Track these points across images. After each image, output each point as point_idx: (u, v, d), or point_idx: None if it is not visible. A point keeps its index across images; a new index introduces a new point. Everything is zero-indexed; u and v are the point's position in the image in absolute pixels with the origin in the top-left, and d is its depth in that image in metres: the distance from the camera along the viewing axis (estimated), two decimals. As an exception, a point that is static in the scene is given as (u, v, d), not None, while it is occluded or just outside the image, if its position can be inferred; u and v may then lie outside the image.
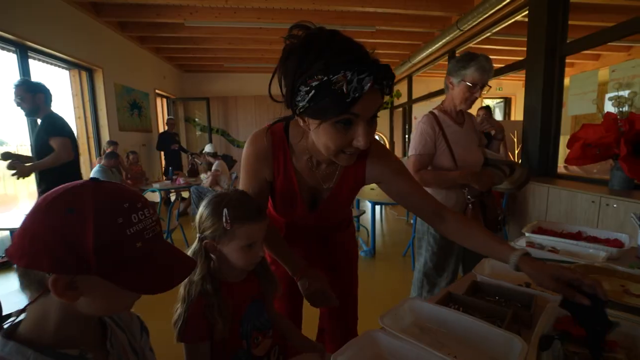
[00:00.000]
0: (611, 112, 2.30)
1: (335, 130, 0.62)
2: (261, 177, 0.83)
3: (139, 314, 0.64)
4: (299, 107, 0.63)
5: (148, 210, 0.48)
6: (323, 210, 0.86)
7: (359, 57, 0.57)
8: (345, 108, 0.57)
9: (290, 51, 0.61)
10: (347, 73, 0.55)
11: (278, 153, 0.80)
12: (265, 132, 0.80)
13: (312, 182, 0.83)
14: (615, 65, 2.49)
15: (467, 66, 1.35)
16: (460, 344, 0.64)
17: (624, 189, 2.31)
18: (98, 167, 3.97)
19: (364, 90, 0.55)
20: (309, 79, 0.58)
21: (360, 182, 0.84)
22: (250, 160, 0.82)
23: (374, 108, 0.61)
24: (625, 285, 0.77)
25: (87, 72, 4.45)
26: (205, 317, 0.68)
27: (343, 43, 0.59)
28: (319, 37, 0.59)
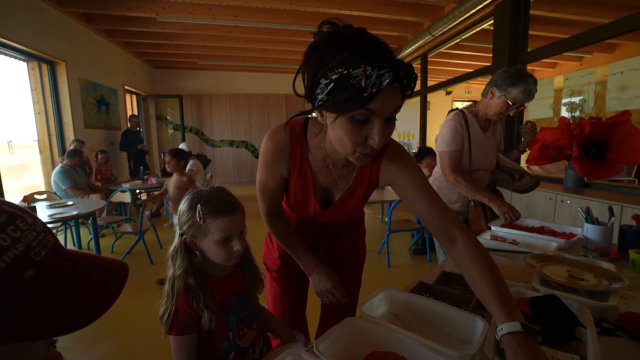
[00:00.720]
0: (565, 116, 2.52)
1: (351, 126, 0.61)
2: (277, 173, 0.83)
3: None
4: (317, 100, 0.62)
5: (22, 220, 0.34)
6: (335, 210, 0.86)
7: (381, 54, 0.57)
8: (362, 103, 0.57)
9: (315, 46, 0.62)
10: (367, 68, 0.54)
11: (295, 149, 0.80)
12: (284, 127, 0.80)
13: (326, 181, 0.83)
14: (569, 74, 2.73)
15: (516, 85, 1.34)
16: (431, 327, 0.70)
17: (576, 187, 2.53)
18: (60, 168, 3.72)
19: (382, 86, 0.55)
20: (329, 72, 0.57)
21: (374, 183, 0.83)
22: (267, 155, 0.82)
23: (392, 107, 0.59)
24: (570, 271, 0.87)
25: (49, 65, 4.18)
26: (192, 309, 0.70)
27: (367, 39, 0.58)
28: (344, 33, 0.59)
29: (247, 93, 7.61)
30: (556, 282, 0.80)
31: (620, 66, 2.29)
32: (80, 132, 4.51)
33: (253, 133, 7.78)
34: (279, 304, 1.04)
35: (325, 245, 0.98)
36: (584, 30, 2.53)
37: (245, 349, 0.78)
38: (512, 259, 0.99)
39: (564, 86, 2.73)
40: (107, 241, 3.55)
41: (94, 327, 1.66)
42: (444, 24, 3.70)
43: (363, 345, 0.63)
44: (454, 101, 8.41)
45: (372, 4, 3.96)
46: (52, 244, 0.36)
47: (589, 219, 1.17)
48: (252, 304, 0.82)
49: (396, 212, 2.83)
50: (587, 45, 2.58)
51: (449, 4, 3.79)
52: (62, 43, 4.17)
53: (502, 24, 3.15)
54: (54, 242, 0.37)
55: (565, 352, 0.59)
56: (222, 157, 7.76)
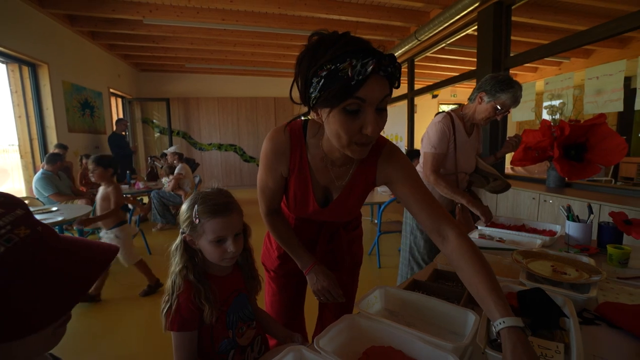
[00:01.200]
0: (546, 119, 2.62)
1: (344, 117, 0.64)
2: (277, 172, 0.85)
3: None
4: (312, 99, 0.66)
5: None
6: (333, 208, 0.88)
7: (364, 47, 0.61)
8: (351, 92, 0.61)
9: (305, 53, 0.66)
10: (352, 60, 0.59)
11: (295, 148, 0.83)
12: (284, 128, 0.83)
13: (325, 180, 0.86)
14: (549, 79, 2.84)
15: (505, 91, 1.40)
16: (425, 321, 0.73)
17: (558, 187, 2.64)
18: (40, 174, 3.57)
19: (367, 73, 0.59)
20: (319, 70, 0.62)
21: (371, 182, 0.86)
22: (268, 156, 0.84)
23: (380, 95, 0.63)
24: (554, 266, 0.91)
25: (30, 67, 4.07)
26: (193, 305, 0.71)
27: (350, 38, 0.63)
28: (329, 37, 0.64)
29: (236, 96, 7.57)
30: (541, 277, 0.84)
31: (595, 71, 2.41)
32: (63, 136, 4.40)
33: (242, 136, 7.74)
34: (276, 303, 1.05)
35: (323, 245, 1.00)
36: (562, 36, 2.66)
37: (244, 348, 0.79)
38: (499, 256, 1.03)
39: (545, 90, 2.84)
40: (93, 248, 3.46)
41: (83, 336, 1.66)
42: (430, 29, 3.80)
43: (361, 341, 0.65)
44: (440, 104, 8.60)
45: (359, 9, 4.03)
46: (20, 238, 0.35)
47: (570, 216, 1.22)
48: (250, 303, 0.83)
49: (386, 214, 2.87)
50: (566, 51, 2.70)
51: (434, 9, 3.89)
52: (44, 45, 4.07)
53: (486, 30, 3.26)
54: (26, 234, 0.36)
55: (551, 340, 0.62)
56: (211, 161, 7.68)
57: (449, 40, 4.27)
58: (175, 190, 4.27)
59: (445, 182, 1.49)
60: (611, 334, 0.69)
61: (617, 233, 1.15)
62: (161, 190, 4.27)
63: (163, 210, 4.25)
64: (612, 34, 2.33)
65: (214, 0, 3.75)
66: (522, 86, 1.49)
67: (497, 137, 3.30)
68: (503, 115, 1.47)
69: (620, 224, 1.13)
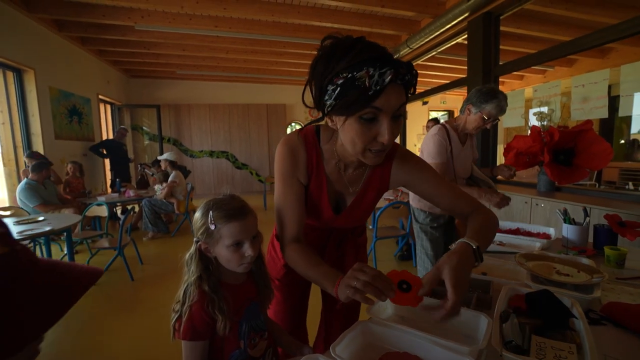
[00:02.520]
0: (536, 125, 2.69)
1: (360, 126, 0.64)
2: (296, 181, 0.81)
3: None
4: (327, 106, 0.66)
5: None
6: (347, 215, 0.87)
7: (381, 55, 0.60)
8: (368, 101, 0.61)
9: (319, 58, 0.65)
10: (370, 69, 0.59)
11: (311, 152, 0.81)
12: (297, 134, 0.82)
13: (339, 186, 0.84)
14: (537, 86, 2.93)
15: (489, 102, 1.51)
16: (436, 326, 0.73)
17: (549, 191, 2.70)
18: (24, 184, 3.45)
19: (385, 84, 0.59)
20: (335, 78, 0.62)
21: (384, 186, 0.85)
22: (284, 162, 0.80)
23: (397, 104, 0.63)
24: (556, 267, 0.93)
25: (15, 72, 3.97)
26: (207, 315, 0.69)
27: (365, 45, 0.62)
28: (344, 42, 0.63)
29: (227, 103, 7.55)
30: (545, 279, 0.85)
31: (581, 79, 2.50)
32: (50, 143, 4.29)
33: (233, 143, 7.70)
34: (280, 312, 1.04)
35: (332, 252, 0.99)
36: (548, 46, 2.76)
37: (255, 359, 0.77)
38: (502, 259, 1.04)
39: (533, 97, 2.93)
40: (82, 258, 3.36)
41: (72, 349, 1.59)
42: (421, 38, 3.88)
43: (376, 347, 0.65)
44: (430, 111, 8.76)
45: (352, 17, 4.10)
46: None
47: (567, 219, 1.25)
48: (263, 313, 0.82)
49: (381, 219, 2.88)
50: (551, 60, 2.80)
51: (425, 18, 3.99)
52: (30, 50, 3.98)
53: (476, 39, 3.35)
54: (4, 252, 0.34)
55: (562, 341, 0.63)
56: (202, 168, 7.60)
57: (440, 48, 4.38)
58: (168, 198, 4.20)
59: None
60: (617, 333, 0.71)
61: (612, 235, 1.18)
62: (153, 198, 4.19)
63: (154, 219, 4.16)
64: (595, 44, 2.43)
65: (207, 7, 3.75)
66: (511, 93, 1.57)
67: (488, 143, 3.37)
68: (492, 123, 1.57)
69: (615, 226, 1.16)
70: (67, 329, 2.08)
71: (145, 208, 4.16)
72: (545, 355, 0.59)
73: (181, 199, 4.31)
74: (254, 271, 0.80)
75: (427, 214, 1.75)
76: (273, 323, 0.91)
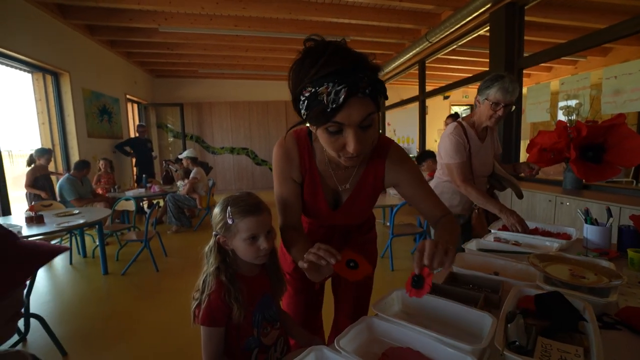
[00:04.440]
0: (562, 120, 2.57)
1: (328, 136, 0.67)
2: (291, 180, 0.86)
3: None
4: (302, 114, 0.69)
5: None
6: (345, 210, 0.90)
7: (340, 70, 0.60)
8: (329, 117, 0.63)
9: (293, 66, 0.68)
10: (329, 85, 0.60)
11: (303, 152, 0.85)
12: (291, 135, 0.86)
13: (333, 182, 0.88)
14: (564, 79, 2.79)
15: (491, 86, 1.45)
16: (442, 324, 0.74)
17: (575, 189, 2.58)
18: (65, 179, 3.77)
19: (339, 102, 0.60)
20: (304, 90, 0.64)
21: (379, 184, 0.88)
22: (279, 163, 0.86)
23: (359, 116, 0.63)
24: (572, 269, 0.91)
25: (53, 76, 4.25)
26: (223, 303, 0.74)
27: (332, 56, 0.61)
28: (314, 51, 0.64)
29: (247, 100, 7.69)
30: (559, 280, 0.84)
31: (613, 70, 2.36)
32: (83, 141, 4.56)
33: (253, 140, 7.85)
34: (292, 305, 1.08)
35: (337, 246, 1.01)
36: (579, 35, 2.61)
37: (267, 347, 0.82)
38: (514, 259, 1.03)
39: (560, 90, 2.79)
40: (112, 249, 3.57)
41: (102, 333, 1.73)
42: (441, 31, 3.78)
43: (380, 342, 0.67)
44: (452, 105, 8.51)
45: (370, 12, 4.05)
46: None
47: (589, 220, 1.21)
48: (275, 305, 0.87)
49: (398, 216, 2.87)
50: (583, 50, 2.65)
51: (445, 11, 3.88)
52: (66, 54, 4.24)
53: (498, 31, 3.23)
54: None
55: (570, 344, 0.63)
56: (223, 164, 7.81)
57: (461, 41, 4.24)
58: (190, 194, 4.36)
59: (476, 191, 1.52)
60: (632, 339, 0.69)
61: (638, 236, 1.13)
62: (176, 193, 4.37)
63: (178, 213, 4.35)
64: (632, 32, 2.27)
65: (227, 7, 3.84)
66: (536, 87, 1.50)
67: (510, 138, 3.25)
68: (504, 110, 1.47)
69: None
70: (101, 314, 2.25)
71: (169, 203, 4.35)
72: (550, 356, 0.59)
73: (203, 195, 4.47)
74: (267, 265, 0.85)
75: None
76: (286, 315, 0.95)
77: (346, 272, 0.70)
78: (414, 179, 0.87)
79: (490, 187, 1.74)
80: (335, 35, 2.61)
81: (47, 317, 1.91)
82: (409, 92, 6.04)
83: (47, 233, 2.45)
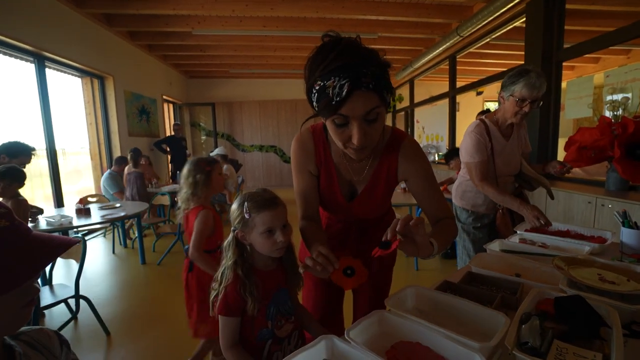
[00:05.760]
0: (605, 116, 2.39)
1: (335, 128, 0.71)
2: (307, 172, 0.90)
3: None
4: (314, 106, 0.72)
5: None
6: (360, 202, 0.92)
7: (346, 65, 0.63)
8: (334, 109, 0.66)
9: (309, 58, 0.71)
10: (335, 79, 0.63)
11: (319, 145, 0.89)
12: (307, 130, 0.90)
13: (348, 174, 0.91)
14: (610, 71, 2.58)
15: (517, 82, 1.38)
16: (455, 322, 0.74)
17: (619, 190, 2.39)
18: (108, 173, 4.09)
19: (342, 95, 0.63)
20: (314, 84, 0.68)
21: (393, 177, 0.90)
22: (296, 156, 0.90)
23: (363, 109, 0.66)
24: (601, 274, 0.86)
25: (99, 79, 4.62)
26: (239, 295, 0.79)
27: (340, 51, 0.64)
28: (326, 46, 0.68)
29: (276, 99, 7.85)
30: (584, 284, 0.80)
31: (668, 61, 2.15)
32: (124, 139, 4.91)
33: (282, 138, 8.00)
34: (311, 299, 1.11)
35: (354, 243, 1.03)
36: (629, 22, 2.38)
37: (281, 339, 0.86)
38: (538, 262, 0.99)
39: (605, 84, 2.58)
40: (149, 240, 3.83)
41: (140, 317, 1.89)
42: (473, 24, 3.63)
43: (390, 336, 0.68)
44: (485, 101, 8.12)
45: (397, 8, 3.98)
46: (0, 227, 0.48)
47: (626, 222, 1.13)
48: (291, 299, 0.90)
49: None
50: (631, 39, 2.43)
51: (477, 3, 3.72)
52: (110, 59, 4.59)
53: (535, 22, 3.04)
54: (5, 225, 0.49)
55: (588, 349, 0.61)
56: (252, 162, 8.05)
57: (494, 34, 4.04)
58: (221, 190, 4.55)
59: (493, 188, 1.49)
60: (663, 349, 0.65)
61: (684, 242, 1.04)
62: (207, 189, 4.58)
63: (209, 208, 4.55)
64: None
65: (255, 9, 3.95)
66: (576, 81, 1.41)
67: (547, 136, 3.07)
68: (531, 106, 1.40)
69: (688, 232, 1.02)
70: (139, 299, 2.45)
71: (201, 198, 4.56)
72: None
73: (232, 191, 4.65)
74: (284, 259, 0.89)
75: (469, 213, 1.68)
76: (303, 310, 0.98)
77: (342, 281, 0.71)
78: (423, 176, 0.87)
79: (519, 187, 1.66)
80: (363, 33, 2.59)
81: (94, 299, 2.11)
82: (439, 88, 5.85)
83: (93, 224, 2.69)
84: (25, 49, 3.27)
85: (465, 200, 1.69)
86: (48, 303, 1.77)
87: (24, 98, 3.55)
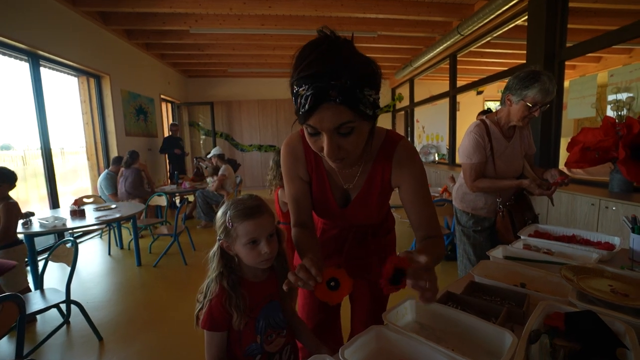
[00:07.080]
0: (609, 116, 2.34)
1: (309, 136, 0.66)
2: (298, 178, 0.87)
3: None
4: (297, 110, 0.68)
5: None
6: (354, 209, 0.88)
7: (314, 74, 0.57)
8: (302, 120, 0.62)
9: (293, 57, 0.66)
10: (305, 87, 0.58)
11: (308, 151, 0.84)
12: (297, 134, 0.86)
13: (339, 181, 0.87)
14: (614, 70, 2.53)
15: (530, 87, 1.33)
16: (457, 338, 0.69)
17: (624, 192, 2.34)
18: (105, 174, 4.06)
19: (305, 108, 0.58)
20: (292, 86, 0.63)
21: (387, 184, 0.84)
22: (286, 162, 0.87)
23: (332, 123, 0.60)
24: (612, 285, 0.81)
25: (95, 79, 4.56)
26: (224, 309, 0.74)
27: (316, 57, 0.58)
28: (307, 47, 0.62)
29: (275, 98, 7.80)
30: (596, 298, 0.75)
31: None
32: (121, 139, 4.85)
33: (280, 137, 7.95)
34: (307, 306, 1.06)
35: (351, 249, 0.99)
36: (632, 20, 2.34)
37: (271, 354, 0.81)
38: (544, 270, 0.94)
39: (609, 83, 2.53)
40: (146, 242, 3.78)
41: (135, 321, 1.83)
42: (474, 23, 3.58)
43: (387, 354, 0.64)
44: (486, 101, 8.07)
45: (397, 6, 3.93)
46: None
47: (636, 228, 1.08)
48: (284, 310, 0.85)
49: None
50: (635, 38, 2.38)
51: (478, 1, 3.67)
52: (107, 58, 4.53)
53: (538, 20, 2.99)
54: None
55: (602, 372, 0.56)
56: (251, 161, 8.00)
57: (496, 33, 3.99)
58: (219, 190, 4.51)
59: (486, 181, 1.49)
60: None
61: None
62: (205, 189, 4.54)
63: (207, 209, 4.51)
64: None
65: (253, 7, 3.89)
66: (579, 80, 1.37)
67: (549, 136, 3.02)
68: (541, 110, 1.37)
69: (701, 239, 0.98)
70: (134, 303, 2.40)
71: (198, 199, 4.52)
72: (578, 384, 0.53)
73: (231, 191, 4.60)
74: (276, 268, 0.83)
75: (470, 216, 1.64)
76: (298, 321, 0.93)
77: (326, 296, 0.66)
78: (414, 187, 0.81)
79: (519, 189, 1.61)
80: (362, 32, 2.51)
81: (87, 303, 2.06)
82: (440, 87, 5.79)
83: (88, 225, 2.64)
84: (19, 47, 3.21)
85: (466, 203, 1.65)
86: (39, 308, 1.72)
87: (19, 97, 3.50)
